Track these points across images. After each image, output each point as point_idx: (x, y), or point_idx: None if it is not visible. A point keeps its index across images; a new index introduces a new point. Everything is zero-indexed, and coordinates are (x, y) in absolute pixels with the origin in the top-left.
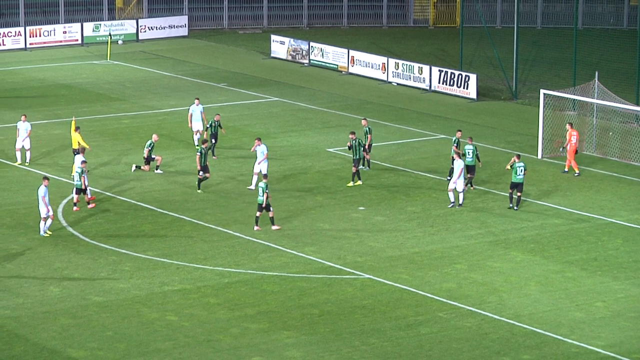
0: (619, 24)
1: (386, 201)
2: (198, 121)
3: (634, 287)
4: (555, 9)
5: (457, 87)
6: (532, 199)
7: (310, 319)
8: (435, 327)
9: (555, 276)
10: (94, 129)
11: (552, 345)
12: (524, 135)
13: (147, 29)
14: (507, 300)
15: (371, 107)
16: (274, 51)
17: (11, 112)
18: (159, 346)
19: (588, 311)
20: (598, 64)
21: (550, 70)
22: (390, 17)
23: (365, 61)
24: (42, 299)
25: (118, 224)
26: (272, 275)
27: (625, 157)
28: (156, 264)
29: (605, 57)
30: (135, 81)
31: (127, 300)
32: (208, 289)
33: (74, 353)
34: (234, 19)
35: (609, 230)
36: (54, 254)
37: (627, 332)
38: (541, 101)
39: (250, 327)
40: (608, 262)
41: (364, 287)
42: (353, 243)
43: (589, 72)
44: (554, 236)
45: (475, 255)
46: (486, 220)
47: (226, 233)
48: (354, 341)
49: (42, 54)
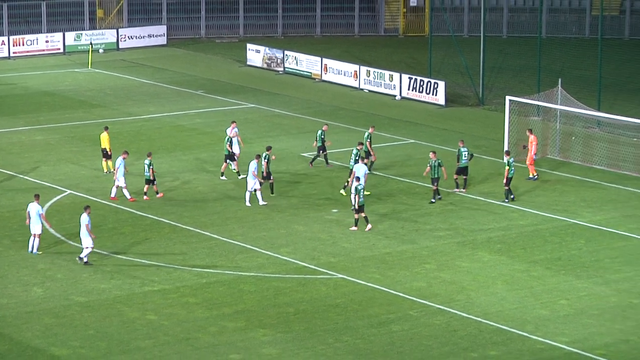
0: (581, 32)
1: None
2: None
3: (596, 285)
4: (520, 19)
5: (426, 93)
6: (499, 201)
7: (285, 318)
8: (406, 324)
9: (521, 275)
10: (75, 135)
11: (518, 342)
12: (491, 140)
13: (127, 38)
14: (475, 299)
15: (344, 113)
16: (250, 59)
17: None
18: (140, 344)
19: (552, 309)
20: (561, 72)
21: (515, 78)
22: (361, 27)
23: (337, 69)
24: (26, 299)
25: (99, 227)
26: (249, 275)
27: (588, 160)
28: (136, 265)
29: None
30: (115, 88)
31: (109, 300)
32: (187, 289)
33: (57, 351)
34: (211, 28)
35: (572, 231)
36: (37, 255)
37: (590, 328)
38: (507, 107)
39: (227, 325)
40: (571, 261)
41: (337, 287)
42: (327, 244)
43: (553, 79)
44: (519, 237)
45: (444, 256)
46: (454, 222)
47: (204, 235)
48: (328, 339)
49: (25, 62)
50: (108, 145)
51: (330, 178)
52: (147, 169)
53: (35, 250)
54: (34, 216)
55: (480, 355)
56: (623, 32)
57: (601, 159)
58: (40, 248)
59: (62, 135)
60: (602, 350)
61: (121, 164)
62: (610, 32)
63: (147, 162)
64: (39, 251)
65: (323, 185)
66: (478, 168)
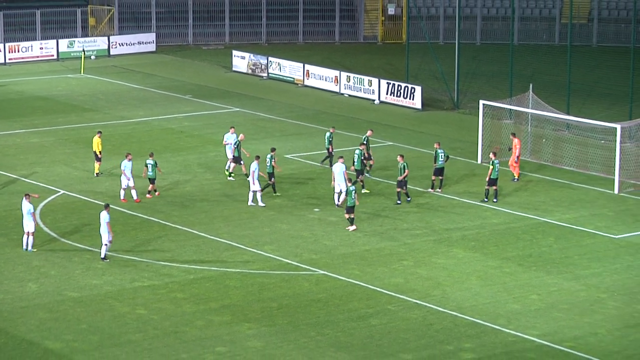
0: (551, 40)
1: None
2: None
3: (565, 281)
4: (493, 27)
5: (403, 98)
6: (473, 200)
7: (269, 312)
8: (385, 318)
9: (494, 271)
10: (69, 138)
11: (491, 335)
12: (465, 142)
13: (117, 45)
14: (450, 294)
15: (325, 117)
16: (235, 65)
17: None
18: (130, 338)
19: (524, 303)
20: (532, 77)
21: (488, 83)
22: (342, 34)
23: (319, 74)
24: (21, 294)
25: (91, 225)
26: (234, 271)
27: (557, 162)
28: (127, 261)
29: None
30: (107, 93)
31: (100, 296)
32: (175, 285)
33: (50, 345)
34: (198, 35)
35: (542, 229)
36: (32, 252)
37: (559, 322)
38: (480, 111)
39: (214, 319)
40: (542, 258)
41: (319, 282)
42: (309, 242)
43: (524, 84)
44: (492, 235)
45: (421, 253)
46: (431, 220)
47: (192, 233)
48: (310, 332)
49: (20, 68)
50: (99, 149)
51: (312, 179)
52: (152, 168)
53: (29, 247)
54: (26, 214)
55: (455, 348)
56: (591, 39)
57: (570, 160)
58: (34, 245)
59: (56, 138)
60: (571, 342)
61: (126, 166)
62: (579, 39)
63: (151, 162)
64: (34, 248)
65: (306, 186)
66: (453, 169)
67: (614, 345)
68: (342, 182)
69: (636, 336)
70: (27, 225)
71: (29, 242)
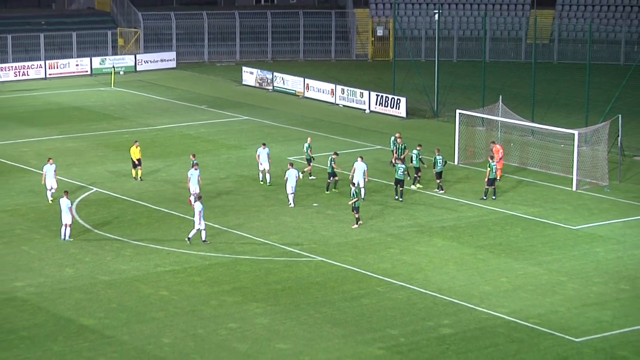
0: (518, 57)
1: (335, 199)
2: (265, 161)
3: (530, 266)
4: (467, 46)
5: (390, 107)
6: (451, 196)
7: (274, 293)
8: (374, 299)
9: (469, 258)
10: (100, 142)
11: (467, 313)
12: (444, 146)
13: (143, 62)
14: (431, 277)
15: (322, 124)
16: (245, 79)
17: (33, 129)
18: (154, 315)
19: (494, 285)
20: (502, 90)
21: (464, 94)
22: (337, 52)
23: (317, 87)
24: (60, 278)
25: (120, 218)
26: (244, 258)
27: (523, 163)
28: (151, 250)
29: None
30: (134, 104)
31: (128, 279)
32: (193, 270)
33: (85, 321)
34: (212, 54)
35: (510, 221)
36: (69, 242)
37: (525, 301)
38: (457, 119)
39: (226, 300)
40: (510, 246)
41: (318, 267)
42: (309, 232)
43: (495, 96)
44: (468, 226)
45: (405, 241)
46: (414, 214)
47: (207, 225)
48: (310, 310)
49: (58, 82)
50: (138, 156)
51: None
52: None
53: (67, 237)
54: (65, 209)
55: (435, 324)
56: (552, 57)
57: (534, 161)
58: (71, 236)
59: (89, 143)
60: (536, 319)
61: (193, 174)
62: (542, 57)
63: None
64: (71, 238)
65: (306, 185)
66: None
67: (573, 321)
68: (360, 178)
69: (592, 314)
70: (65, 218)
71: (67, 233)
